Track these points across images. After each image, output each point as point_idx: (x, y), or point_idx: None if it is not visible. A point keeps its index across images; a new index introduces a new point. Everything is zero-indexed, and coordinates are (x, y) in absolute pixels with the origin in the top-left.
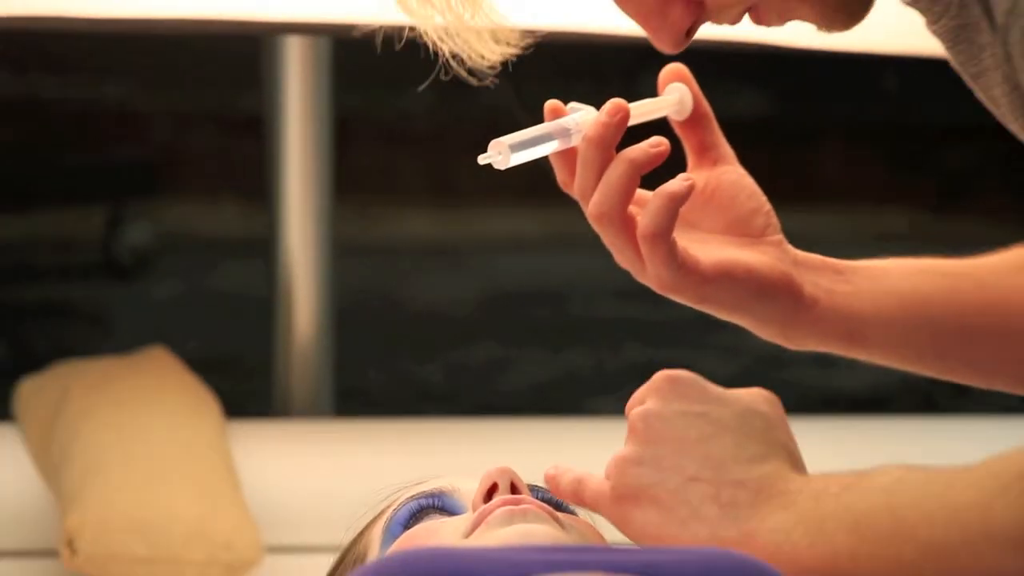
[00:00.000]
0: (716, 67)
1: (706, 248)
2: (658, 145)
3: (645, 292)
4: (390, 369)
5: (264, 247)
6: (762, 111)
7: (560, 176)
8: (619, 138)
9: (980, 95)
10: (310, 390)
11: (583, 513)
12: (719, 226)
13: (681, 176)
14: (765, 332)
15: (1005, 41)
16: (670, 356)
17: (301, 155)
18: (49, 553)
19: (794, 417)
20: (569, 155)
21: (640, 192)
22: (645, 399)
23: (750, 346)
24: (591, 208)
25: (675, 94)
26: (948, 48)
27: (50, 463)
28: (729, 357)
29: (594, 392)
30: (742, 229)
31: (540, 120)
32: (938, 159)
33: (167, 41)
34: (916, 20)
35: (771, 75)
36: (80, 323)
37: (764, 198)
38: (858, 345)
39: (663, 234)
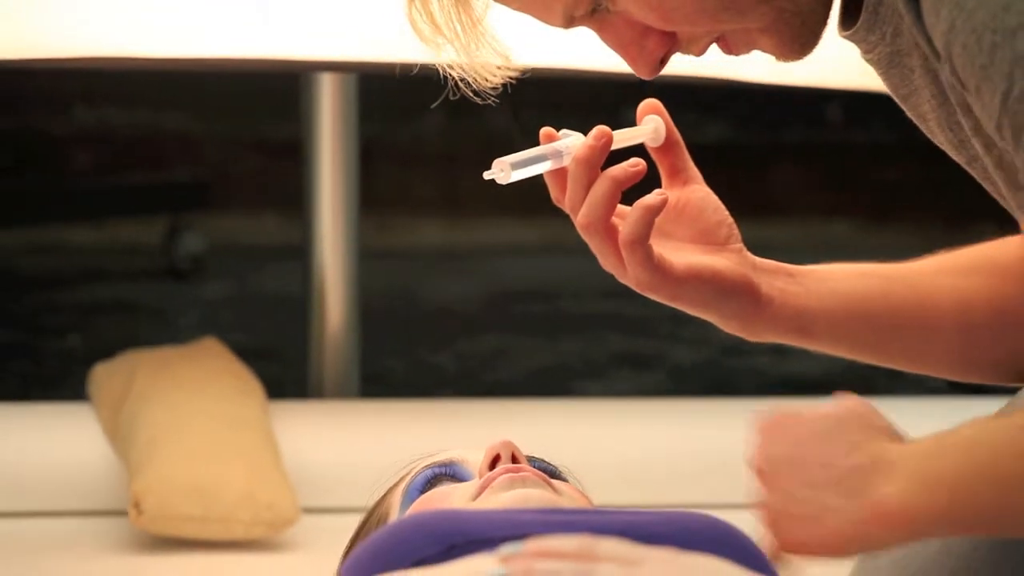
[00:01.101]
0: (684, 100)
1: (678, 254)
2: (636, 165)
3: (626, 291)
4: (408, 357)
5: (299, 253)
6: (723, 137)
7: (553, 193)
8: (603, 159)
9: (910, 114)
10: (339, 375)
11: (572, 479)
12: (689, 236)
13: (656, 191)
14: (728, 326)
15: (949, 57)
16: (647, 346)
17: (331, 175)
18: (119, 513)
19: (752, 399)
20: (561, 174)
21: (621, 207)
22: (762, 447)
23: (715, 338)
24: (580, 219)
25: (651, 124)
26: (882, 73)
27: (119, 437)
28: (697, 347)
29: (582, 377)
30: (708, 239)
31: (535, 143)
32: (873, 178)
33: (218, 77)
34: (854, 59)
35: (731, 106)
36: (144, 318)
37: (726, 212)
38: (808, 337)
39: (641, 240)
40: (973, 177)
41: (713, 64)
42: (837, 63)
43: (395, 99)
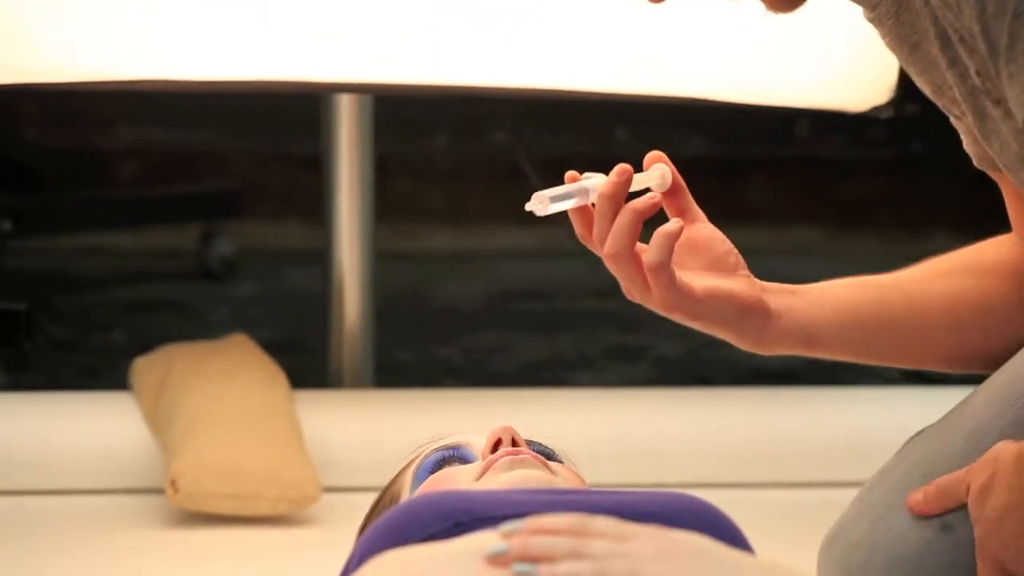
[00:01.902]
0: (668, 117)
1: (695, 279)
2: (653, 198)
3: (615, 291)
4: (418, 350)
5: (320, 256)
6: (702, 151)
7: (579, 230)
8: (626, 194)
9: (918, 67)
10: (356, 366)
11: (567, 461)
12: (701, 266)
13: (672, 220)
14: (743, 343)
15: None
16: (634, 341)
17: (349, 186)
18: (157, 491)
19: (727, 388)
20: (585, 214)
21: (640, 244)
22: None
23: (696, 334)
24: (606, 249)
25: (658, 171)
26: (889, 27)
27: (158, 422)
28: (679, 341)
29: (575, 368)
30: (719, 267)
31: (535, 160)
32: (840, 188)
33: (247, 98)
34: (818, 80)
35: (709, 123)
36: (180, 315)
37: (731, 244)
38: (814, 347)
39: (664, 264)
40: (930, 188)
41: (693, 86)
42: (805, 84)
43: (407, 118)
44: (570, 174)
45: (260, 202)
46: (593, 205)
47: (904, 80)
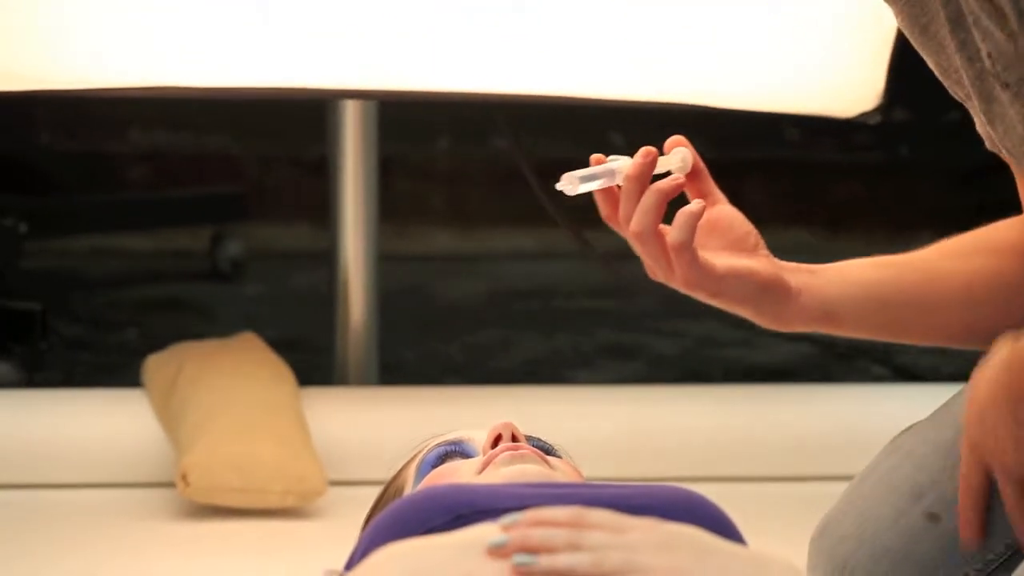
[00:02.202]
0: (662, 122)
1: (717, 258)
2: (676, 179)
3: (612, 291)
4: (421, 348)
5: (327, 257)
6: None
7: (604, 211)
8: (651, 175)
9: (928, 49)
10: (361, 364)
11: (565, 455)
12: (722, 246)
13: (694, 201)
14: (763, 320)
15: None
16: (630, 339)
17: (354, 189)
18: (169, 485)
19: (721, 385)
20: (610, 195)
21: (663, 226)
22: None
23: (691, 332)
24: (632, 228)
25: (679, 154)
26: (901, 6)
27: (169, 418)
28: (676, 339)
29: (573, 366)
30: (739, 247)
31: (533, 163)
32: (829, 191)
33: (255, 104)
34: (808, 88)
35: (703, 128)
36: (191, 314)
37: (751, 225)
38: (832, 323)
39: (687, 243)
40: (916, 191)
41: (688, 93)
42: (796, 91)
43: (410, 123)
44: (596, 157)
45: (268, 205)
46: (618, 187)
47: (891, 87)
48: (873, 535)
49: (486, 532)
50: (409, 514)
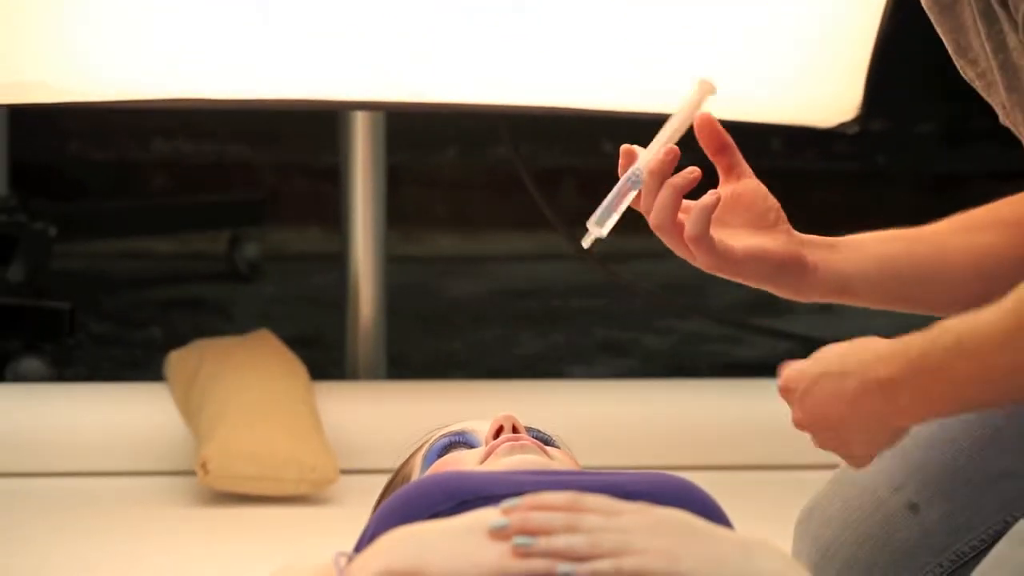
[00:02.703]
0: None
1: (737, 238)
2: (692, 172)
3: (607, 291)
4: (427, 344)
5: (338, 259)
6: (685, 163)
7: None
8: (671, 171)
9: (943, 27)
10: (370, 360)
11: (563, 446)
12: (744, 222)
13: (711, 192)
14: (782, 293)
15: None
16: (623, 336)
17: (364, 195)
18: (189, 473)
19: (709, 379)
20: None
21: (687, 202)
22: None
23: (679, 329)
24: (652, 222)
25: (696, 84)
26: None
27: (189, 410)
28: (666, 336)
29: (570, 362)
30: (760, 223)
31: (532, 171)
32: (810, 198)
33: (271, 114)
34: (792, 100)
35: (691, 138)
36: (210, 313)
37: (774, 199)
38: (848, 296)
39: (702, 235)
40: (892, 198)
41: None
42: (780, 103)
43: (417, 133)
44: (626, 148)
45: (283, 210)
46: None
47: (868, 99)
48: (856, 521)
49: (488, 516)
50: (415, 499)
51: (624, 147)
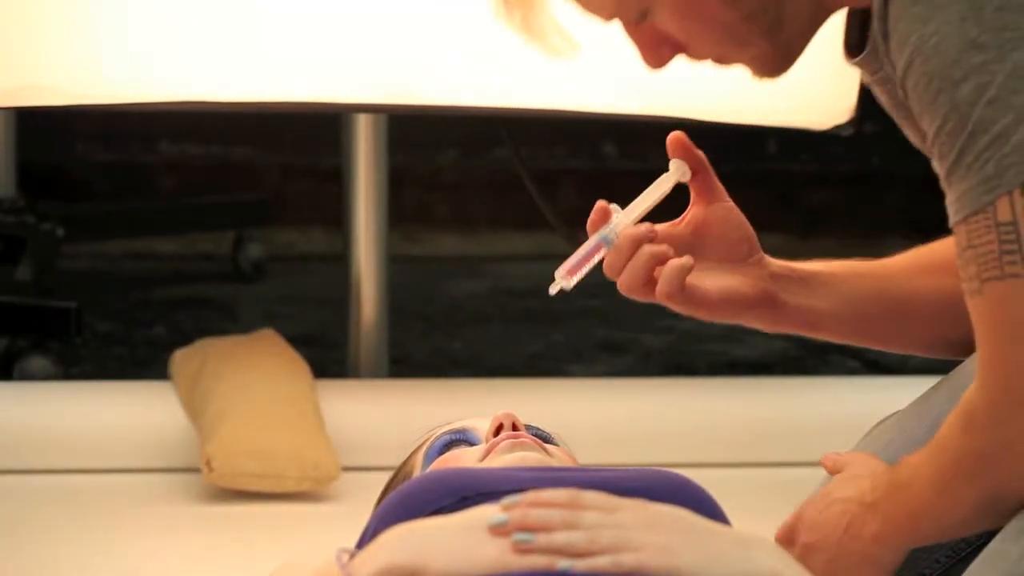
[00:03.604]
0: (652, 135)
1: (709, 276)
2: (665, 249)
3: (605, 291)
4: (428, 343)
5: (341, 260)
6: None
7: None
8: (645, 243)
9: (903, 124)
10: (372, 359)
11: (562, 443)
12: (717, 255)
13: (686, 256)
14: (755, 326)
15: (904, 86)
16: (621, 335)
17: (366, 196)
18: (194, 470)
19: (706, 378)
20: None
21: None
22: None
23: (677, 328)
24: (621, 286)
25: (675, 165)
26: (879, 91)
27: (194, 408)
28: (663, 334)
29: (569, 361)
30: (733, 256)
31: (532, 174)
32: (805, 199)
33: (275, 117)
34: (784, 103)
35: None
36: (214, 312)
37: (748, 226)
38: (817, 330)
39: (674, 294)
40: (885, 199)
41: (676, 108)
42: (776, 106)
43: (418, 135)
44: (600, 205)
45: (287, 211)
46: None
47: (863, 101)
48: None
49: (488, 512)
50: (416, 496)
51: (599, 204)
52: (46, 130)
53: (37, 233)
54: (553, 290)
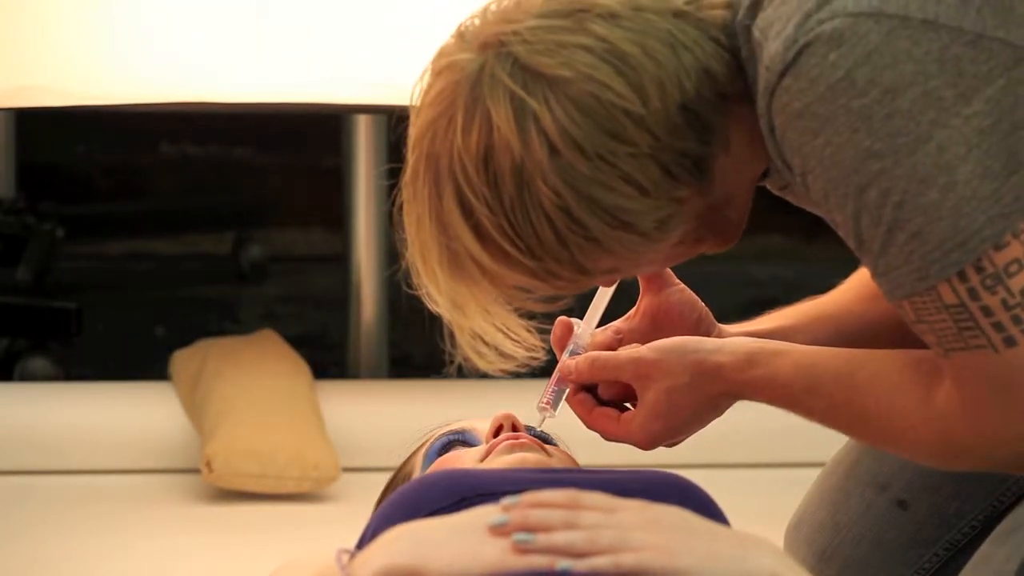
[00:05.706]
0: None
1: None
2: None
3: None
4: (428, 344)
5: (341, 260)
6: None
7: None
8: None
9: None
10: (372, 359)
11: (561, 444)
12: (679, 335)
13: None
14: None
15: (806, 188)
16: None
17: (366, 196)
18: (194, 471)
19: None
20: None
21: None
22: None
23: None
24: (587, 424)
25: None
26: (790, 197)
27: (194, 409)
28: None
29: None
30: (694, 333)
31: None
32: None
33: (275, 117)
34: None
35: None
36: (214, 313)
37: (700, 303)
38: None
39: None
40: None
41: None
42: None
43: None
44: (562, 321)
45: (287, 211)
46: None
47: None
48: (848, 524)
49: (488, 513)
50: (416, 497)
51: (560, 320)
52: (46, 131)
53: (37, 234)
54: (540, 426)
